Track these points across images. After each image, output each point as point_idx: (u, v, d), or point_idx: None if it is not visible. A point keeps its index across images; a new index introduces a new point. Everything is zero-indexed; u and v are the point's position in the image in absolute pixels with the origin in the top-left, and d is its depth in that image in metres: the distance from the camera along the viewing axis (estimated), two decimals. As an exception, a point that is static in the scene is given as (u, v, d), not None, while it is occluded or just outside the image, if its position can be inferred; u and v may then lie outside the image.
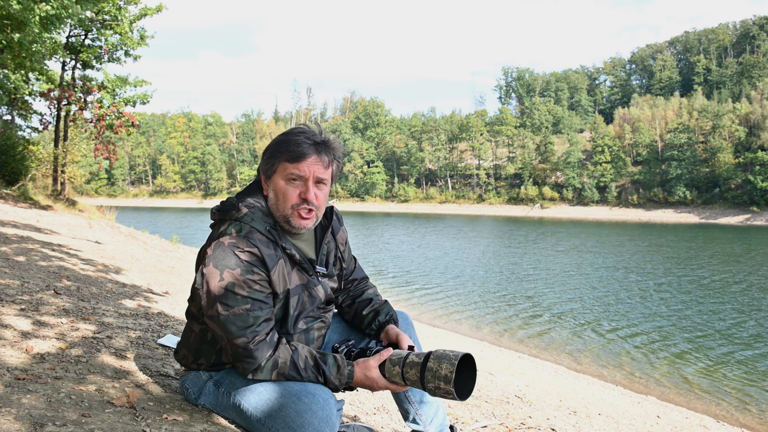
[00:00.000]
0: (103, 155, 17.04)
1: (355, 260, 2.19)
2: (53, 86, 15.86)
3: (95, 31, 15.40)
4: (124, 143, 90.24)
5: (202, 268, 1.75)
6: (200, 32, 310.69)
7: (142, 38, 15.86)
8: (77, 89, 16.05)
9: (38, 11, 9.55)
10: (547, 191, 77.36)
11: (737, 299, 15.63)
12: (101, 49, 15.81)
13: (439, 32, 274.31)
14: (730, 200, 64.85)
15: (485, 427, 3.08)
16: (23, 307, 2.92)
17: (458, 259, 24.87)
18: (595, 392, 6.51)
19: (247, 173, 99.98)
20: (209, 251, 1.75)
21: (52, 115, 16.93)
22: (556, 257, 25.85)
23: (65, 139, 16.74)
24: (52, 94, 15.73)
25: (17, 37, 9.66)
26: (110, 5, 14.62)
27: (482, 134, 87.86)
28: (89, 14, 14.27)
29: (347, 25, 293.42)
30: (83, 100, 16.22)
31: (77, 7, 10.42)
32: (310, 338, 1.94)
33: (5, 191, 12.30)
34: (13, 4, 9.06)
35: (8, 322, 2.57)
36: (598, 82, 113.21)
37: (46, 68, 14.85)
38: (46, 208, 11.92)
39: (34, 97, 16.92)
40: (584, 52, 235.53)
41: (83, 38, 15.67)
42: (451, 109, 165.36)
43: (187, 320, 1.95)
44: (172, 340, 2.86)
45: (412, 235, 39.71)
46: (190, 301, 1.93)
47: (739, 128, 67.58)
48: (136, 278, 5.38)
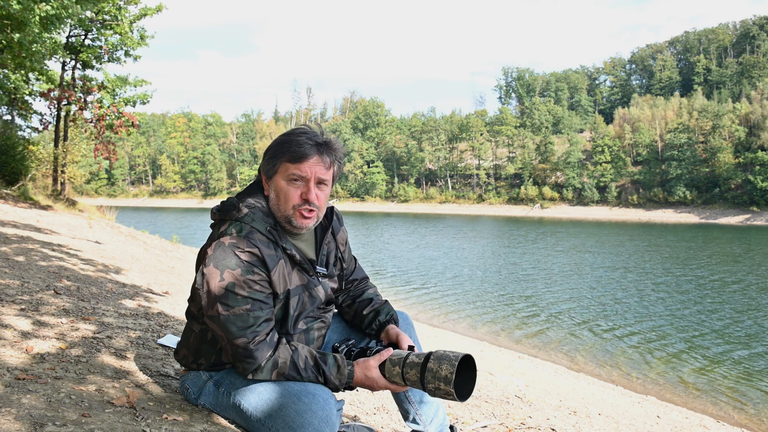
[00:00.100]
0: (103, 155, 17.04)
1: (355, 260, 2.19)
2: (53, 86, 15.85)
3: (95, 31, 15.40)
4: (124, 143, 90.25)
5: (202, 268, 1.75)
6: (200, 32, 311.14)
7: (142, 38, 15.86)
8: (77, 89, 16.05)
9: (38, 11, 9.55)
10: (547, 191, 77.38)
11: (736, 299, 15.63)
12: (101, 49, 15.81)
13: (439, 32, 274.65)
14: (730, 200, 64.86)
15: (485, 427, 3.08)
16: (23, 307, 2.92)
17: (458, 259, 24.87)
18: (595, 392, 6.51)
19: (247, 173, 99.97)
20: (210, 251, 1.75)
21: (52, 115, 16.93)
22: (555, 257, 25.85)
23: (65, 139, 16.74)
24: (52, 94, 15.72)
25: (17, 37, 9.66)
26: (110, 5, 14.62)
27: (482, 134, 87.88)
28: (89, 14, 14.27)
29: (347, 25, 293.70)
30: (83, 100, 16.22)
31: (77, 7, 10.42)
32: (310, 338, 1.94)
33: (5, 191, 12.30)
34: (13, 4, 9.06)
35: (8, 322, 2.57)
36: (598, 82, 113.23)
37: (46, 68, 14.85)
38: (46, 208, 11.92)
39: (34, 97, 16.92)
40: (584, 52, 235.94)
41: (83, 38, 15.67)
42: (451, 109, 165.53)
43: (187, 320, 1.96)
44: (172, 340, 2.86)
45: (412, 235, 39.71)
46: (190, 301, 1.93)
47: (739, 128, 67.59)
48: (136, 278, 5.38)
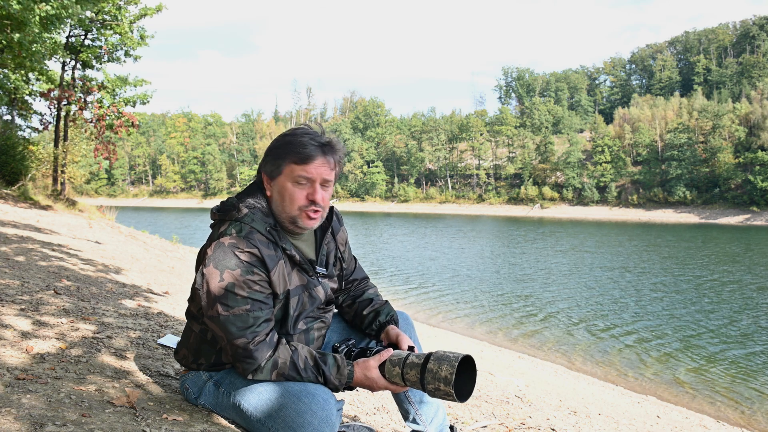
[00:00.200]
0: (103, 155, 17.03)
1: (355, 260, 2.19)
2: (53, 86, 15.85)
3: (95, 31, 15.40)
4: (124, 143, 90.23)
5: (202, 268, 1.75)
6: (200, 32, 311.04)
7: (142, 38, 15.86)
8: (77, 89, 16.04)
9: (38, 11, 9.55)
10: (547, 191, 77.36)
11: (735, 299, 15.63)
12: (101, 49, 15.81)
13: (439, 32, 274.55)
14: (730, 200, 64.86)
15: (485, 427, 3.08)
16: (23, 307, 2.92)
17: (458, 259, 24.87)
18: (595, 392, 6.51)
19: (247, 173, 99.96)
20: (209, 251, 1.75)
21: (52, 115, 16.93)
22: (555, 257, 25.85)
23: (65, 139, 16.74)
24: (52, 94, 15.72)
25: (17, 37, 9.66)
26: (110, 5, 14.62)
27: (482, 134, 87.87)
28: (89, 14, 14.26)
29: (347, 25, 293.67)
30: (83, 100, 16.21)
31: (77, 7, 10.41)
32: (309, 338, 1.94)
33: (5, 191, 12.30)
34: (13, 4, 9.06)
35: (8, 322, 2.57)
36: (598, 82, 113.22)
37: (46, 68, 14.86)
38: (46, 208, 11.92)
39: (34, 97, 16.91)
40: (584, 52, 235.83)
41: (83, 38, 15.66)
42: (451, 109, 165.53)
43: (187, 320, 1.96)
44: (172, 340, 2.86)
45: (411, 235, 39.71)
46: (190, 301, 1.93)
47: (739, 128, 67.59)
48: (136, 278, 5.38)
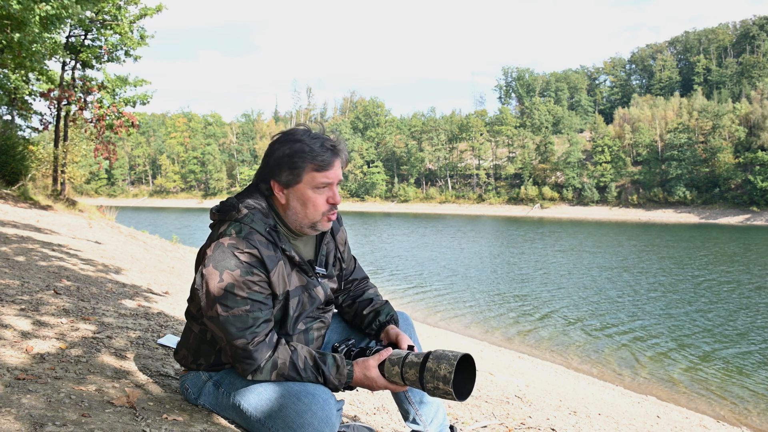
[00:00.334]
0: (103, 155, 17.03)
1: (354, 260, 2.19)
2: (53, 86, 15.84)
3: (95, 31, 15.39)
4: (124, 143, 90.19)
5: (201, 268, 1.75)
6: (200, 32, 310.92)
7: (142, 38, 15.85)
8: (77, 89, 16.04)
9: (38, 11, 9.54)
10: (547, 191, 77.34)
11: (736, 299, 15.63)
12: (101, 49, 15.80)
13: (439, 32, 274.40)
14: (730, 200, 64.84)
15: (485, 427, 3.08)
16: (23, 307, 2.92)
17: (457, 259, 24.87)
18: (595, 392, 6.51)
19: (247, 173, 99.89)
20: (209, 252, 1.75)
21: (52, 115, 16.93)
22: (554, 257, 25.85)
23: (65, 139, 16.74)
24: (52, 94, 15.72)
25: (17, 37, 9.65)
26: (110, 5, 14.61)
27: (482, 134, 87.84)
28: (89, 14, 14.25)
29: (347, 25, 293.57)
30: (83, 100, 16.21)
31: (77, 7, 10.40)
32: (309, 338, 1.94)
33: (5, 191, 12.30)
34: (13, 4, 9.05)
35: (8, 322, 2.57)
36: (598, 82, 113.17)
37: (46, 68, 14.85)
38: (46, 208, 11.92)
39: (34, 97, 16.91)
40: (584, 52, 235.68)
41: (83, 38, 15.66)
42: (451, 109, 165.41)
43: (186, 320, 1.96)
44: (172, 340, 2.86)
45: (411, 235, 39.71)
46: (189, 301, 1.93)
47: (739, 128, 67.57)
48: (136, 278, 5.38)
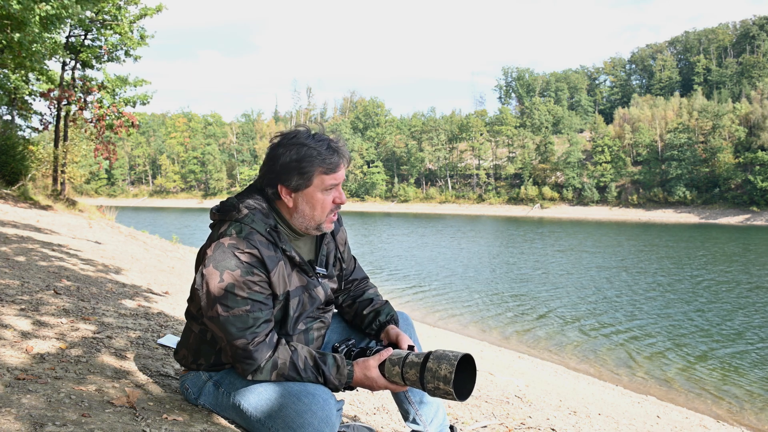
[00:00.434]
0: (103, 155, 17.04)
1: (354, 260, 2.19)
2: (53, 86, 15.85)
3: (95, 31, 15.40)
4: (124, 143, 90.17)
5: (201, 268, 1.75)
6: (200, 32, 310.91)
7: (142, 38, 15.85)
8: (77, 89, 16.05)
9: (38, 11, 9.54)
10: (547, 191, 77.34)
11: (734, 299, 15.63)
12: (101, 49, 15.81)
13: (439, 32, 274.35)
14: (730, 200, 64.85)
15: (485, 427, 3.08)
16: (23, 307, 2.92)
17: (457, 259, 24.86)
18: (595, 392, 6.51)
19: (247, 173, 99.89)
20: (209, 252, 1.75)
21: (52, 115, 16.93)
22: (553, 257, 25.85)
23: (65, 139, 16.74)
24: (52, 94, 15.72)
25: (17, 37, 9.65)
26: (110, 5, 14.61)
27: (482, 134, 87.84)
28: (89, 14, 14.25)
29: (347, 25, 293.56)
30: (83, 100, 16.22)
31: (77, 7, 10.40)
32: (309, 338, 1.94)
33: (5, 191, 12.30)
34: (13, 4, 9.05)
35: (8, 322, 2.57)
36: (598, 82, 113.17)
37: (46, 68, 14.84)
38: (46, 208, 11.91)
39: (34, 97, 16.92)
40: (584, 52, 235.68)
41: (83, 38, 15.66)
42: (451, 109, 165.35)
43: (186, 320, 1.96)
44: (172, 340, 2.86)
45: (411, 235, 39.71)
46: (189, 301, 1.93)
47: (739, 128, 67.57)
48: (136, 278, 5.38)
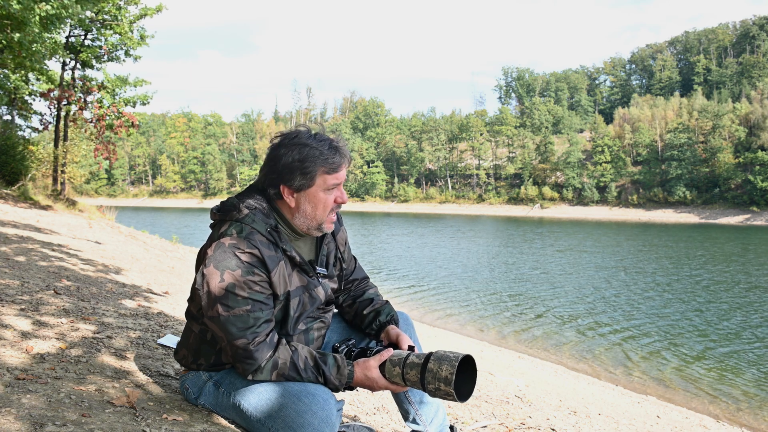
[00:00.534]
0: (103, 155, 17.04)
1: (355, 260, 2.19)
2: (53, 86, 15.85)
3: (95, 31, 15.40)
4: (124, 143, 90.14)
5: (202, 268, 1.75)
6: (200, 32, 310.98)
7: (142, 38, 15.85)
8: (77, 89, 16.05)
9: (38, 11, 9.54)
10: (547, 191, 77.36)
11: (733, 299, 15.63)
12: (101, 49, 15.81)
13: (439, 32, 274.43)
14: (730, 200, 64.86)
15: (485, 427, 3.07)
16: (23, 307, 2.92)
17: (457, 259, 24.87)
18: (595, 392, 6.51)
19: (247, 173, 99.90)
20: (210, 252, 1.74)
21: (52, 115, 16.93)
22: (554, 257, 25.85)
23: (65, 139, 16.74)
24: (52, 94, 15.72)
25: (17, 37, 9.65)
26: (110, 5, 14.62)
27: (482, 134, 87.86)
28: (89, 14, 14.26)
29: (347, 25, 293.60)
30: (83, 100, 16.22)
31: (77, 7, 10.40)
32: (309, 338, 1.94)
33: (5, 191, 12.30)
34: (13, 3, 9.05)
35: (8, 322, 2.57)
36: (598, 82, 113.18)
37: (46, 68, 14.85)
38: (46, 208, 11.91)
39: (34, 97, 16.92)
40: (584, 52, 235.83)
41: (83, 38, 15.66)
42: (451, 109, 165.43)
43: (186, 320, 1.95)
44: (172, 340, 2.86)
45: (411, 235, 39.71)
46: (189, 301, 1.93)
47: (739, 128, 67.59)
48: (136, 278, 5.38)
